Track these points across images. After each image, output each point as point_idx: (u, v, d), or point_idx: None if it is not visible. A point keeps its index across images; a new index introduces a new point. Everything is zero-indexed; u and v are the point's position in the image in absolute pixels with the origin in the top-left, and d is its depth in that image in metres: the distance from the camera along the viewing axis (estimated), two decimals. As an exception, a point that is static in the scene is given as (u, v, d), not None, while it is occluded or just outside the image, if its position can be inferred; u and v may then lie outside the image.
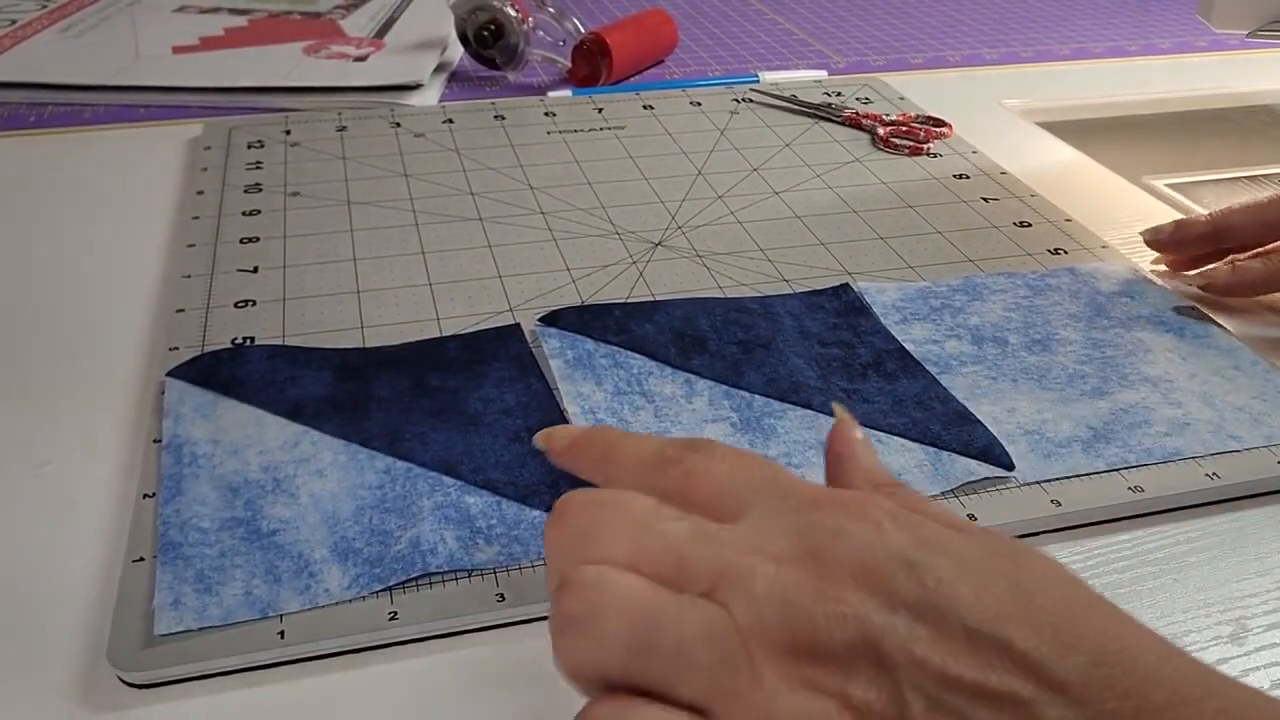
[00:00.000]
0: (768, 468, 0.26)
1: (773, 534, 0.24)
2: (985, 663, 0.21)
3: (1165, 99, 0.75)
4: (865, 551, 0.23)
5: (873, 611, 0.22)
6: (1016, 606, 0.22)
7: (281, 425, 0.37)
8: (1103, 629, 0.21)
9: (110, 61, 0.72)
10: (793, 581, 0.22)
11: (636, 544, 0.24)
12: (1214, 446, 0.38)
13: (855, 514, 0.24)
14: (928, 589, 0.22)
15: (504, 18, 0.71)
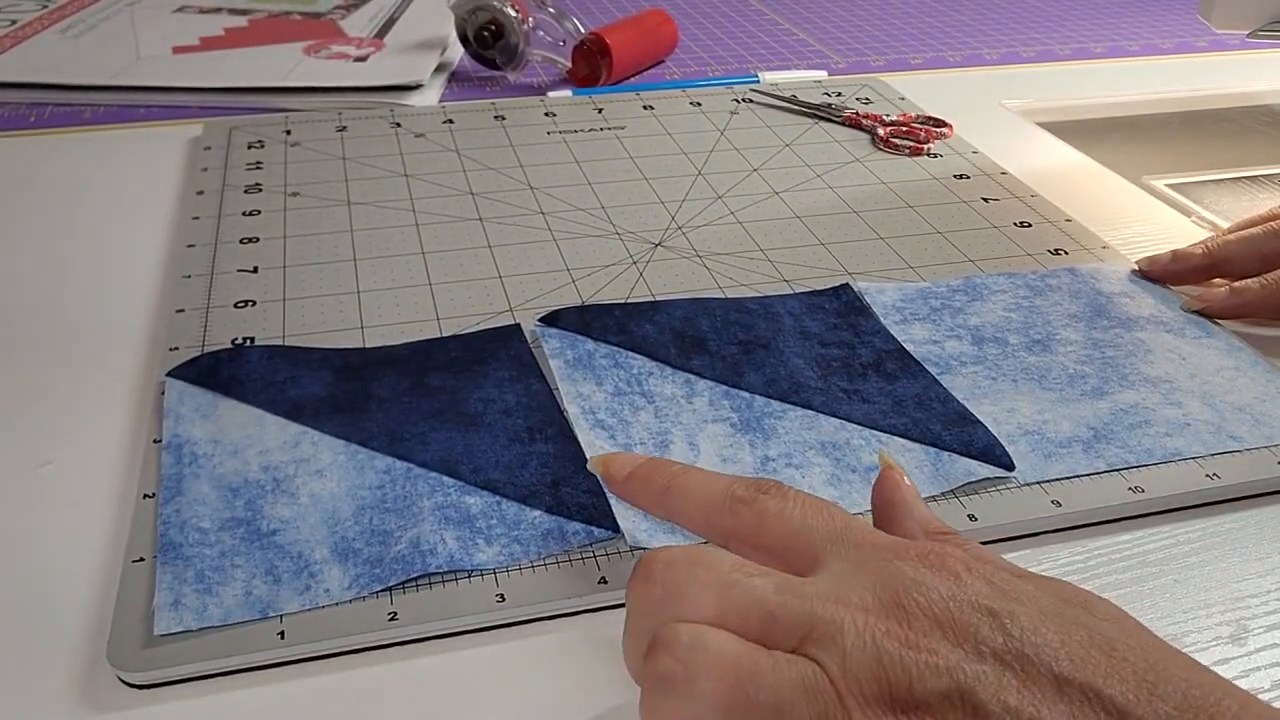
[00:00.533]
0: (840, 515, 0.27)
1: (854, 585, 0.24)
2: (1077, 710, 0.21)
3: (1165, 99, 0.75)
4: (950, 601, 0.23)
5: (963, 660, 0.22)
6: (1100, 654, 0.22)
7: (281, 425, 0.37)
8: (1185, 676, 0.22)
9: (110, 61, 0.72)
10: (882, 632, 0.23)
11: (724, 600, 0.24)
12: (1214, 447, 0.38)
13: (933, 564, 0.24)
14: (1013, 638, 0.22)
15: (504, 18, 0.71)
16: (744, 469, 0.36)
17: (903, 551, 0.25)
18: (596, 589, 0.31)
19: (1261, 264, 0.46)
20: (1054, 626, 0.23)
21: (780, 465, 0.36)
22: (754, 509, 0.27)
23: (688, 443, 0.37)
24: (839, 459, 0.37)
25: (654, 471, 0.30)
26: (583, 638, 0.31)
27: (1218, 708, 0.21)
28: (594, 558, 0.32)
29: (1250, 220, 0.49)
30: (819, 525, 0.26)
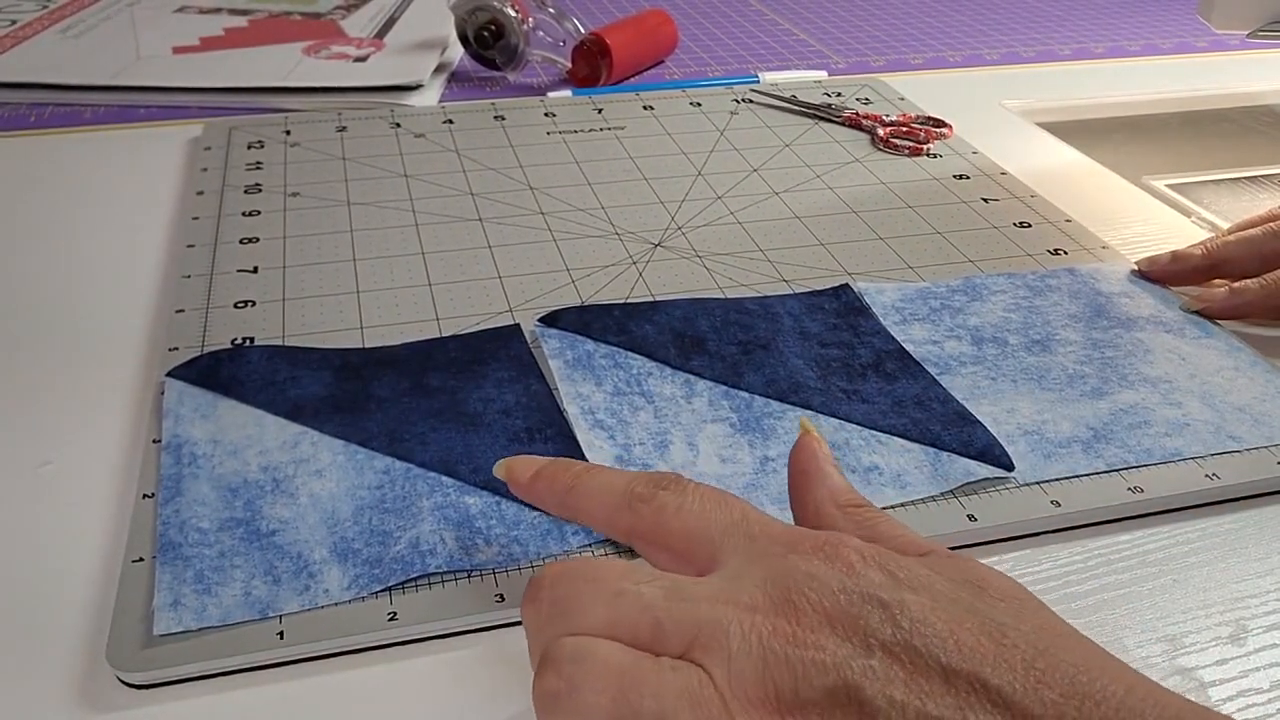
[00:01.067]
0: (738, 506, 0.27)
1: (746, 583, 0.24)
2: (963, 702, 0.21)
3: (1165, 99, 0.75)
4: (841, 594, 0.23)
5: (850, 656, 0.22)
6: (990, 642, 0.22)
7: (281, 425, 0.37)
8: (1073, 661, 0.22)
9: (110, 62, 0.72)
10: (768, 631, 0.23)
11: (613, 611, 0.24)
12: (1214, 447, 0.38)
13: (828, 555, 0.24)
14: (902, 629, 0.22)
15: (504, 18, 0.71)
16: (743, 469, 0.36)
17: (798, 543, 0.25)
18: (596, 589, 0.31)
19: (1261, 264, 0.46)
20: (945, 615, 0.23)
21: (780, 465, 0.36)
22: (653, 506, 0.27)
23: (687, 443, 0.37)
24: (839, 459, 0.36)
25: (559, 472, 0.29)
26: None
27: (1104, 693, 0.21)
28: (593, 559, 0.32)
29: (1250, 221, 0.49)
30: (717, 519, 0.26)
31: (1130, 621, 0.32)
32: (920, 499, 0.35)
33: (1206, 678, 0.30)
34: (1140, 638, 0.31)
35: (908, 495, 0.35)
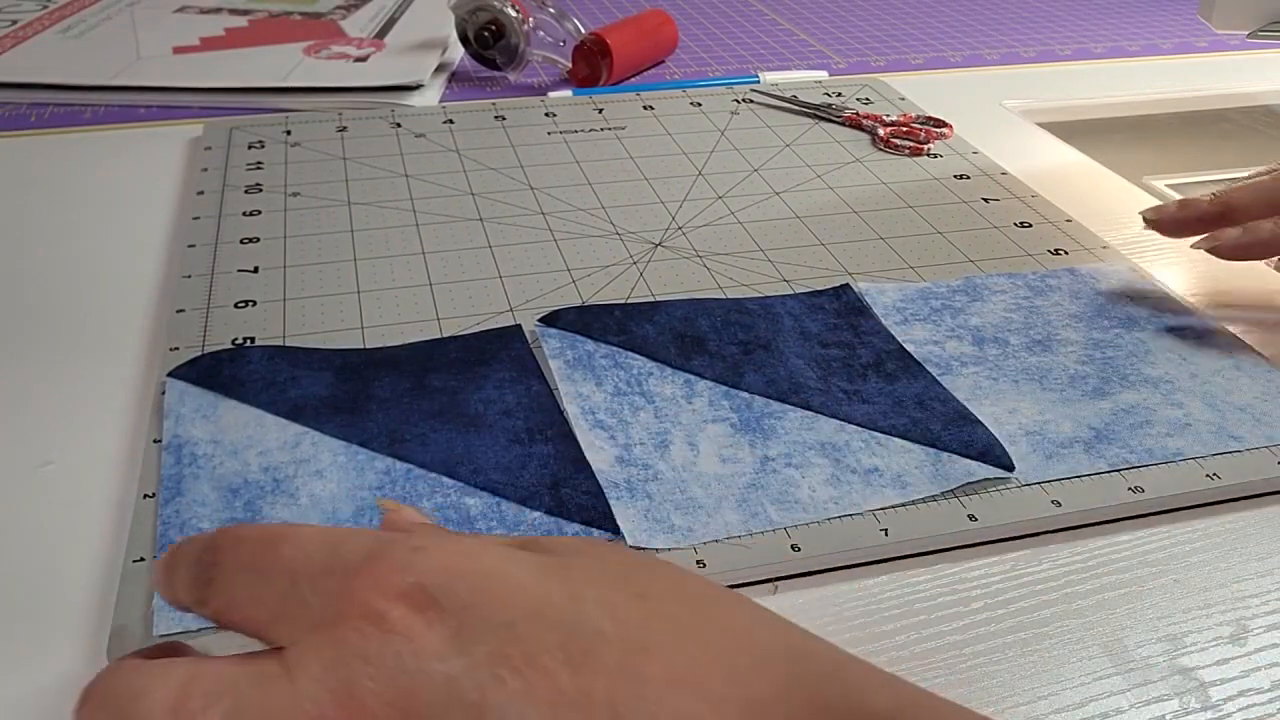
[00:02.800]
0: (288, 558, 0.22)
1: (306, 682, 0.20)
2: None
3: (1166, 99, 0.75)
4: (399, 676, 0.20)
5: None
6: (564, 695, 0.20)
7: (282, 426, 0.37)
8: (657, 691, 0.20)
9: (111, 62, 0.72)
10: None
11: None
12: (1215, 447, 0.38)
13: (378, 624, 0.21)
14: (473, 706, 0.20)
15: (504, 18, 0.71)
16: (744, 469, 0.36)
17: (348, 605, 0.21)
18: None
19: (1271, 210, 0.44)
20: (513, 672, 0.20)
21: (780, 465, 0.36)
22: (211, 589, 0.23)
23: (687, 443, 0.37)
24: (839, 459, 0.37)
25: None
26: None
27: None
28: (594, 558, 0.32)
29: (1260, 172, 0.47)
30: (270, 592, 0.22)
31: (1131, 621, 0.32)
32: (921, 499, 0.35)
33: (1207, 678, 0.30)
34: (1141, 638, 0.31)
35: (908, 495, 0.35)
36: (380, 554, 0.22)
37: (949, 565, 0.34)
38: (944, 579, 0.33)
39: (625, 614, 0.21)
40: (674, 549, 0.33)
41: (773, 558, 0.33)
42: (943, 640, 0.31)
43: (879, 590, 0.33)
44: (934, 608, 0.32)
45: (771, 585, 0.33)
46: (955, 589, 0.33)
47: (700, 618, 0.22)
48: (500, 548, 0.23)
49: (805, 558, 0.33)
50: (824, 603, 0.32)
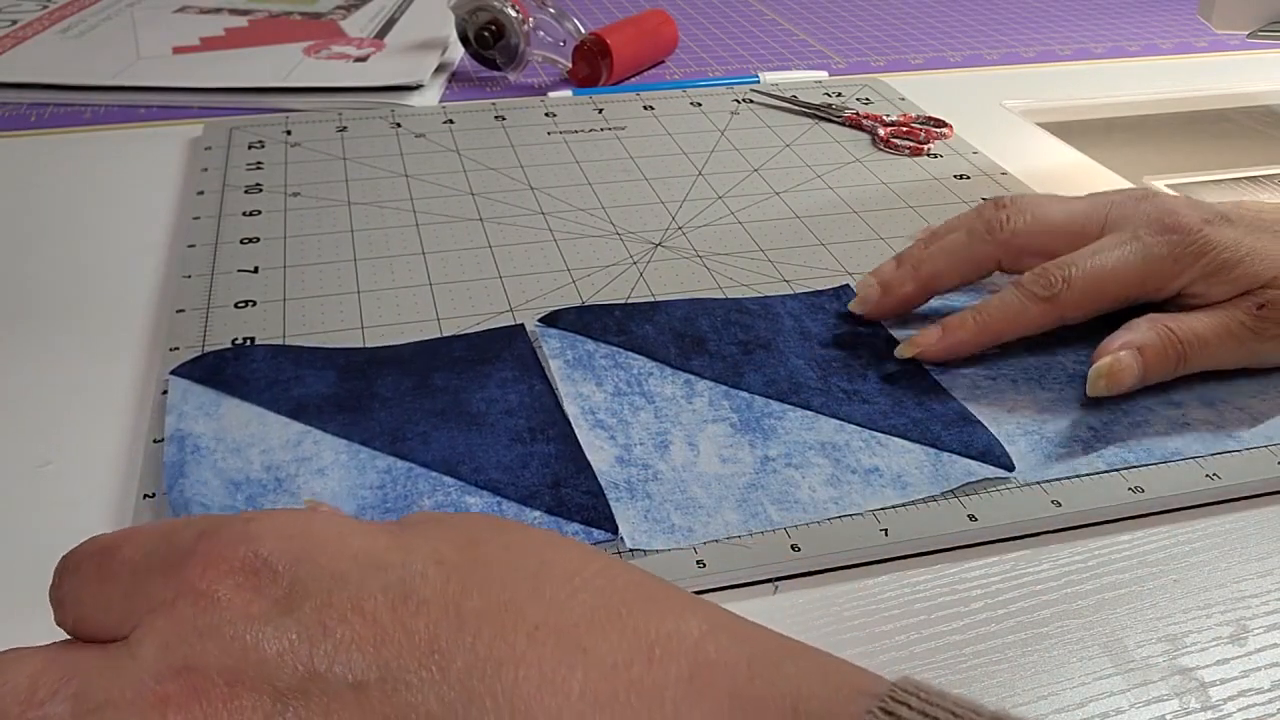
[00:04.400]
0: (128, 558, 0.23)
1: (148, 659, 0.21)
2: (381, 713, 0.20)
3: (1166, 99, 0.75)
4: (232, 643, 0.21)
5: (267, 716, 0.20)
6: (387, 635, 0.21)
7: (284, 424, 0.37)
8: (475, 622, 0.21)
9: (111, 62, 0.72)
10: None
11: None
12: (1214, 447, 0.38)
13: (204, 594, 0.21)
14: (303, 660, 0.21)
15: (504, 18, 0.71)
16: (744, 469, 0.36)
17: (184, 589, 0.22)
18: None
19: (972, 270, 0.43)
20: (347, 626, 0.21)
21: (780, 465, 0.36)
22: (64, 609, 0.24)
23: (687, 443, 0.37)
24: (839, 459, 0.37)
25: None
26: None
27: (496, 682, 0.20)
28: (594, 558, 0.32)
29: (948, 226, 0.45)
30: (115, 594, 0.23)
31: (1131, 621, 0.32)
32: (921, 499, 0.35)
33: (1207, 678, 0.30)
34: (1141, 638, 0.31)
35: (908, 496, 0.35)
36: (212, 532, 0.23)
37: (949, 565, 0.34)
38: (944, 579, 0.33)
39: (450, 557, 0.22)
40: (674, 549, 0.33)
41: (773, 558, 0.33)
42: (943, 640, 0.31)
43: (879, 590, 0.33)
44: (934, 608, 0.32)
45: (771, 585, 0.33)
46: (955, 589, 0.33)
47: (523, 556, 0.23)
48: (332, 515, 0.24)
49: (805, 558, 0.33)
50: (824, 603, 0.32)
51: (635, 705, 0.20)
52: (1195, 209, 0.41)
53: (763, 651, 0.21)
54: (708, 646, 0.21)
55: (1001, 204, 0.43)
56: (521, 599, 0.21)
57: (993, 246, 0.42)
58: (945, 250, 0.43)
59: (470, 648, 0.21)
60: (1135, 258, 0.40)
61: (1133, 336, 0.39)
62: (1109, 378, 0.38)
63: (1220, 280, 0.40)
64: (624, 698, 0.20)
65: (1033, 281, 0.40)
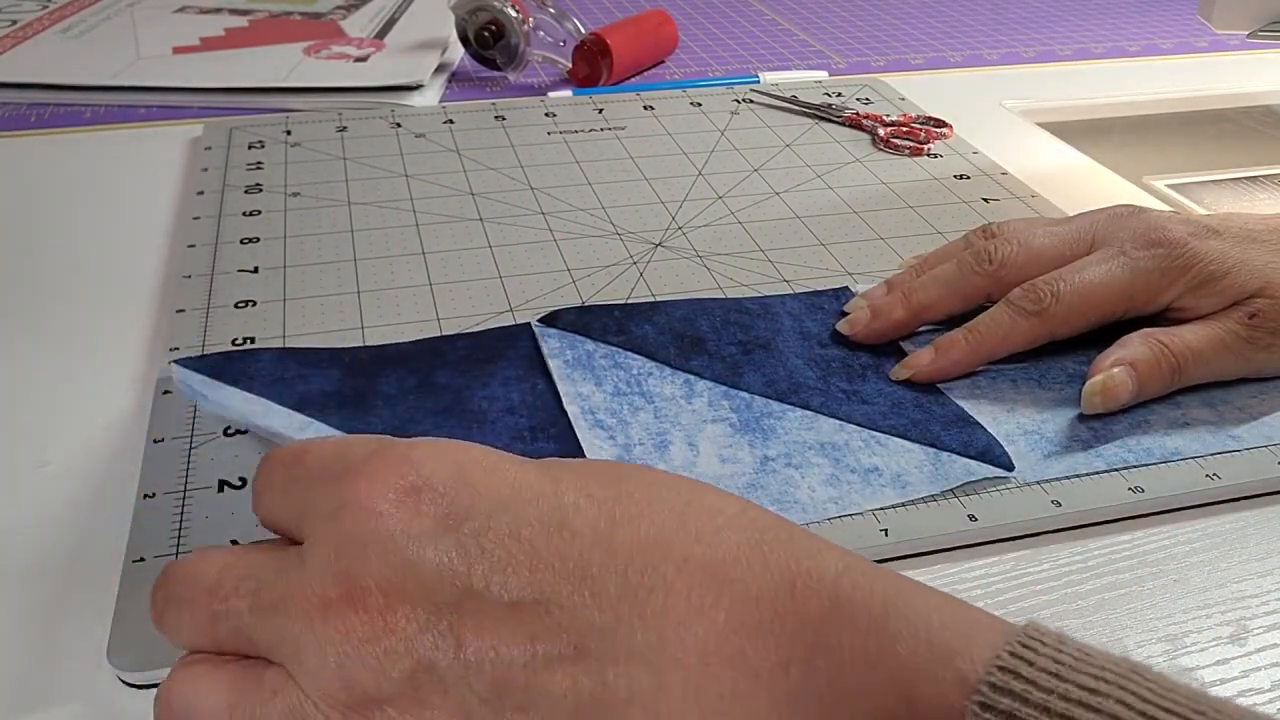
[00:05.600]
0: (310, 466, 0.26)
1: (316, 566, 0.23)
2: (531, 632, 0.21)
3: (1166, 99, 0.75)
4: (395, 557, 0.22)
5: (421, 630, 0.22)
6: (542, 561, 0.22)
7: (289, 414, 0.37)
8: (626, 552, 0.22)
9: (111, 62, 0.72)
10: (340, 634, 0.22)
11: (213, 635, 0.25)
12: (1214, 446, 0.38)
13: (372, 511, 0.23)
14: (461, 577, 0.22)
15: (504, 18, 0.71)
16: (744, 469, 0.36)
17: (351, 503, 0.24)
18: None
19: (962, 303, 0.43)
20: (500, 544, 0.22)
21: (780, 465, 0.36)
22: (261, 502, 0.27)
23: (687, 443, 0.37)
24: (838, 459, 0.37)
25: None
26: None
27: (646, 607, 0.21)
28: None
29: (940, 255, 0.46)
30: (295, 498, 0.25)
31: (1131, 621, 0.32)
32: (920, 499, 0.35)
33: (1207, 678, 0.30)
34: (1141, 638, 0.31)
35: (908, 495, 0.35)
36: (381, 452, 0.24)
37: (949, 565, 0.34)
38: (944, 579, 0.33)
39: (598, 493, 0.24)
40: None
41: (773, 557, 0.33)
42: (942, 640, 0.31)
43: (879, 590, 0.33)
44: (934, 607, 0.32)
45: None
46: (955, 589, 0.33)
47: (668, 493, 0.24)
48: (488, 447, 0.25)
49: (805, 557, 0.33)
50: (824, 602, 0.32)
51: (779, 634, 0.21)
52: (1181, 223, 0.41)
53: (895, 589, 0.22)
54: (844, 583, 0.22)
55: (990, 233, 0.44)
56: (669, 533, 0.23)
57: (983, 279, 0.42)
58: (936, 280, 0.43)
59: (621, 575, 0.22)
60: (1123, 272, 0.40)
61: (1125, 352, 0.39)
62: (1104, 394, 0.38)
63: (1208, 292, 0.40)
64: (769, 626, 0.21)
65: (1021, 297, 0.40)
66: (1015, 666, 0.20)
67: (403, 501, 0.23)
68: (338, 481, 0.24)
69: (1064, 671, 0.19)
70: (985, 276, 0.42)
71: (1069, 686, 0.19)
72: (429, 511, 0.23)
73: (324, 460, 0.25)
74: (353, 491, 0.24)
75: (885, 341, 0.43)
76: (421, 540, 0.23)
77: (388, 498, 0.23)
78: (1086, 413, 0.39)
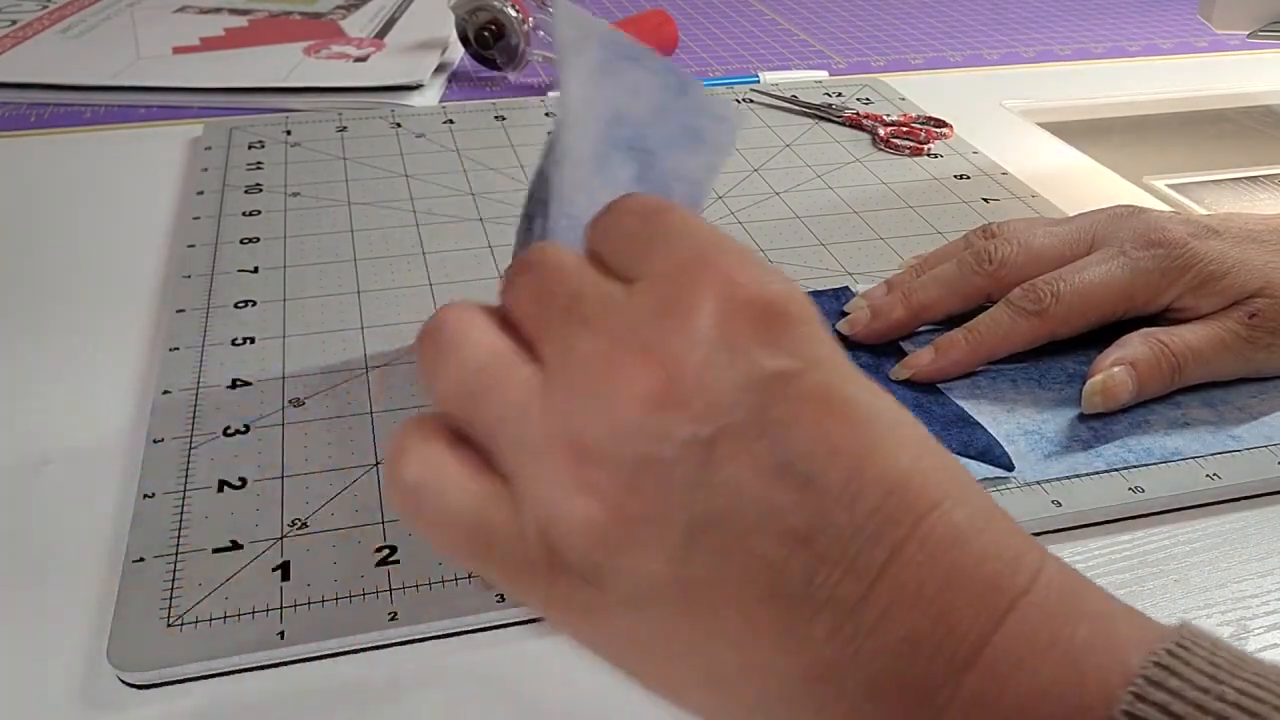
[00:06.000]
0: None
1: (641, 318, 0.22)
2: (776, 494, 0.21)
3: (1166, 99, 0.75)
4: (706, 349, 0.22)
5: (683, 425, 0.21)
6: (830, 444, 0.22)
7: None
8: (891, 487, 0.22)
9: (111, 62, 0.72)
10: (616, 377, 0.22)
11: (518, 304, 0.24)
12: (1214, 446, 0.38)
13: (720, 297, 0.22)
14: (753, 412, 0.21)
15: (504, 18, 0.71)
16: (744, 469, 0.36)
17: (710, 272, 0.23)
18: (596, 589, 0.31)
19: (962, 303, 0.43)
20: (802, 400, 0.22)
21: (780, 465, 0.36)
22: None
23: (688, 443, 0.37)
24: (839, 459, 0.36)
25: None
26: (582, 638, 0.31)
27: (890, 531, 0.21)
28: (594, 558, 0.32)
29: (940, 255, 0.46)
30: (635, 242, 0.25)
31: (1131, 621, 0.32)
32: None
33: (1207, 678, 0.30)
34: (1141, 638, 0.31)
35: (908, 495, 0.35)
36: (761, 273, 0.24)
37: (949, 565, 0.34)
38: (944, 579, 0.33)
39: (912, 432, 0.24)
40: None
41: (773, 557, 0.33)
42: (942, 640, 0.31)
43: (879, 590, 0.33)
44: (934, 607, 0.32)
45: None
46: (955, 589, 0.33)
47: (947, 459, 0.25)
48: None
49: (805, 557, 0.33)
50: (824, 602, 0.32)
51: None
52: (1181, 223, 0.41)
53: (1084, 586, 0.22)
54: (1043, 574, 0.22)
55: (990, 233, 0.44)
56: (929, 487, 0.23)
57: (983, 279, 0.42)
58: (936, 280, 0.43)
59: (881, 501, 0.21)
60: (1123, 272, 0.40)
61: (1125, 352, 0.39)
62: (1104, 394, 0.38)
63: (1208, 292, 0.40)
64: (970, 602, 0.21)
65: (1021, 297, 0.40)
66: (1171, 664, 0.20)
67: (759, 316, 0.22)
68: (704, 258, 0.23)
69: (1220, 674, 0.19)
70: (985, 276, 0.42)
71: (1224, 689, 0.19)
72: (764, 340, 0.22)
73: (691, 232, 0.24)
74: (714, 272, 0.23)
75: (885, 341, 0.43)
76: (746, 359, 0.22)
77: (737, 298, 0.22)
78: (1087, 412, 0.39)
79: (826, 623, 0.21)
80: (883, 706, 0.20)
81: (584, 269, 0.24)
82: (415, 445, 0.23)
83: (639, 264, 0.24)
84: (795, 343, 0.22)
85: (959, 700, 0.20)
